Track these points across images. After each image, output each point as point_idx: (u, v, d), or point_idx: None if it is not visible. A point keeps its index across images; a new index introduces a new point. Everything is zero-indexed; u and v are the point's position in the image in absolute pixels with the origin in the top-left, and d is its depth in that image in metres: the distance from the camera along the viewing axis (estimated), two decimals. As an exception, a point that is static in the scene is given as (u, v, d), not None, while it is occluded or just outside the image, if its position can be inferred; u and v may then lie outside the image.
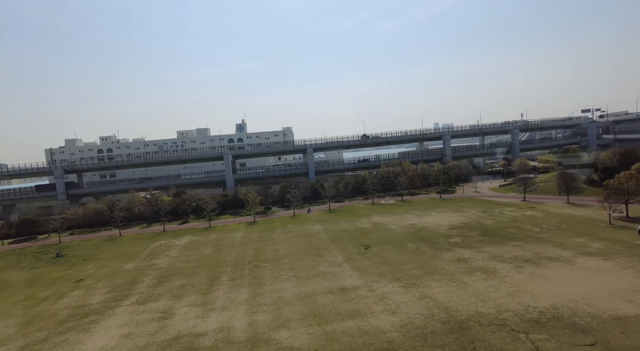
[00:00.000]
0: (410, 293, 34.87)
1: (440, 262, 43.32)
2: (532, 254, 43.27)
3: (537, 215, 63.48)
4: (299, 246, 55.55)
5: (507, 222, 60.00)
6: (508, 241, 49.44)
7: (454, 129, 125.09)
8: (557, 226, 55.39)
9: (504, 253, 44.36)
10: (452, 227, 59.52)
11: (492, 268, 39.84)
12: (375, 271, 41.58)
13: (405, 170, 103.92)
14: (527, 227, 55.86)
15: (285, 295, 37.04)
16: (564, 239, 48.31)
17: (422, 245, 51.01)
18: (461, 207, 75.34)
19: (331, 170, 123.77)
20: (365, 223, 67.56)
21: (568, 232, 51.52)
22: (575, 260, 40.14)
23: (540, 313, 29.09)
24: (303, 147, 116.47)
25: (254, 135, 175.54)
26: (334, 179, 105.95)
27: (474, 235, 53.78)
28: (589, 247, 44.40)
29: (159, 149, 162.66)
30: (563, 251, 43.60)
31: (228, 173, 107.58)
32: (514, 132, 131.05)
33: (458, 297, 33.17)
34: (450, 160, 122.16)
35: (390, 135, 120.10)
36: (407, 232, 58.99)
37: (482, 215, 66.47)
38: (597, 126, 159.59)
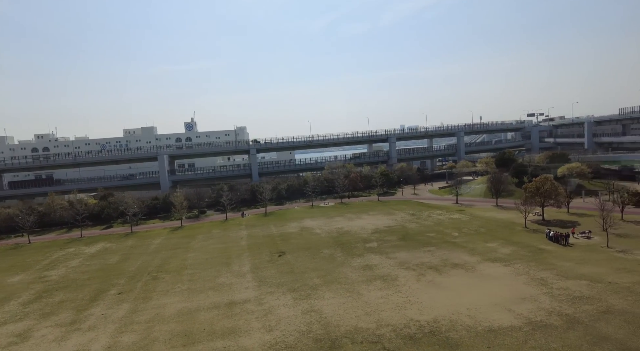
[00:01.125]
0: (299, 306, 32.61)
1: (346, 269, 41.50)
2: (440, 260, 42.36)
3: (462, 219, 63.54)
4: (212, 254, 52.24)
5: (430, 226, 59.50)
6: (423, 246, 48.54)
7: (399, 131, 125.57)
8: (476, 230, 55.33)
9: (413, 260, 43.22)
10: (375, 231, 58.26)
11: (394, 276, 38.42)
12: (276, 282, 39.10)
13: (348, 172, 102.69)
14: (447, 231, 55.44)
15: (166, 312, 33.76)
16: (477, 244, 47.98)
17: (337, 250, 49.16)
18: (394, 210, 74.65)
19: (280, 172, 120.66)
20: (293, 228, 65.15)
21: (484, 236, 51.39)
22: (478, 267, 39.47)
23: (420, 327, 27.59)
24: (246, 147, 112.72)
25: (203, 135, 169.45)
26: (277, 181, 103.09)
27: (392, 240, 52.64)
28: (497, 252, 44.11)
29: (102, 148, 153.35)
30: (471, 257, 43.01)
31: (163, 174, 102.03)
32: (460, 135, 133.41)
33: (345, 310, 31.24)
34: (395, 162, 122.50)
35: (337, 136, 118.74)
36: (330, 236, 57.09)
37: (410, 219, 65.85)
38: (540, 129, 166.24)
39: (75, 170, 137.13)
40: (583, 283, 33.20)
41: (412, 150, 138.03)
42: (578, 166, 79.48)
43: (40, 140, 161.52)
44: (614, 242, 44.42)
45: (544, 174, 62.50)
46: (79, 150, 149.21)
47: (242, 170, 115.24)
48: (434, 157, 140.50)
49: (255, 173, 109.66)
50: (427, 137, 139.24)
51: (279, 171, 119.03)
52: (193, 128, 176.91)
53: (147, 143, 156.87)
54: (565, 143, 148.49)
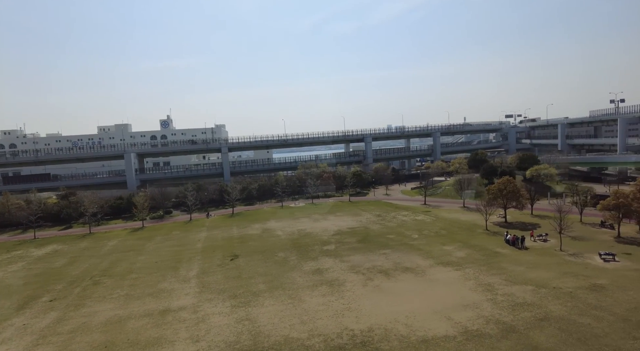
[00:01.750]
0: (234, 315, 31.00)
1: (295, 273, 40.04)
2: (392, 264, 41.27)
3: (425, 220, 62.80)
4: (164, 257, 50.15)
5: (392, 228, 58.52)
6: (380, 248, 47.44)
7: (375, 131, 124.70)
8: (437, 232, 54.54)
9: (366, 263, 42.05)
10: (337, 233, 56.99)
11: (342, 280, 37.14)
12: (219, 288, 37.39)
13: (322, 172, 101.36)
14: (407, 233, 54.52)
15: (94, 320, 31.74)
16: (434, 247, 47.11)
17: (293, 253, 47.67)
18: (361, 211, 73.58)
19: (254, 171, 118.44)
20: (255, 229, 63.41)
21: (443, 239, 50.59)
22: (429, 271, 38.49)
23: (352, 337, 26.32)
24: (217, 146, 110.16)
25: (179, 132, 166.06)
26: (248, 181, 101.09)
27: (351, 242, 51.43)
28: (452, 255, 43.26)
29: (73, 146, 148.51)
30: (424, 260, 42.05)
31: (129, 173, 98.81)
32: (436, 136, 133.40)
33: (281, 318, 29.78)
34: (371, 162, 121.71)
35: (312, 135, 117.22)
36: (290, 238, 55.57)
37: (375, 220, 64.81)
38: (518, 131, 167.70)
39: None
40: (528, 289, 32.46)
41: (389, 150, 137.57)
42: (546, 167, 79.90)
43: (7, 136, 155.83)
44: (568, 245, 44.09)
45: (505, 176, 62.03)
46: (49, 147, 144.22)
47: (214, 169, 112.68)
48: (410, 157, 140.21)
49: (227, 172, 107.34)
50: (404, 137, 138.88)
51: (252, 170, 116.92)
52: (169, 126, 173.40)
53: (120, 141, 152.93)
54: (541, 145, 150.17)
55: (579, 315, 27.31)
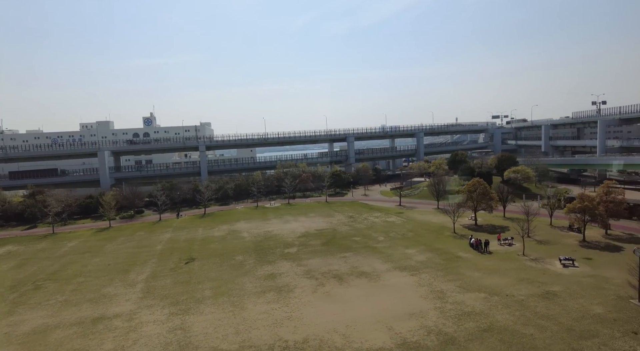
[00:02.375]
0: (169, 323, 29.30)
1: (247, 278, 38.40)
2: (349, 268, 39.81)
3: (396, 222, 61.48)
4: (119, 259, 48.22)
5: (360, 229, 57.12)
6: (342, 251, 45.98)
7: (357, 131, 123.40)
8: (404, 234, 53.22)
9: (323, 267, 40.53)
10: (303, 235, 55.44)
11: (293, 286, 35.59)
12: (163, 294, 35.63)
13: (301, 171, 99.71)
14: (374, 235, 53.13)
15: (18, 330, 29.83)
16: (397, 250, 45.73)
17: (251, 257, 46.01)
18: (334, 212, 72.14)
19: (233, 170, 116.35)
20: (222, 231, 61.62)
21: (408, 242, 49.25)
22: (384, 276, 37.07)
23: (284, 349, 24.79)
24: (195, 144, 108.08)
25: (162, 130, 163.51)
26: (224, 180, 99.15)
27: (315, 244, 49.91)
28: (412, 259, 41.90)
29: (53, 143, 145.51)
30: (383, 264, 40.65)
31: (102, 171, 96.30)
32: (419, 136, 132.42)
33: (216, 328, 28.14)
34: (354, 161, 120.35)
35: (293, 134, 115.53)
36: (253, 241, 53.89)
37: (345, 221, 63.37)
38: (504, 132, 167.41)
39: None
40: (480, 297, 31.15)
41: (372, 150, 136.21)
42: (523, 169, 79.04)
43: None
44: (532, 249, 42.97)
45: (476, 178, 60.92)
46: (27, 144, 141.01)
47: (192, 167, 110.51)
48: (394, 157, 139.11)
49: (204, 171, 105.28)
50: (387, 137, 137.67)
51: (233, 169, 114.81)
52: (152, 124, 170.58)
53: (102, 138, 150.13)
54: (526, 146, 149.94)
55: (523, 325, 26.02)
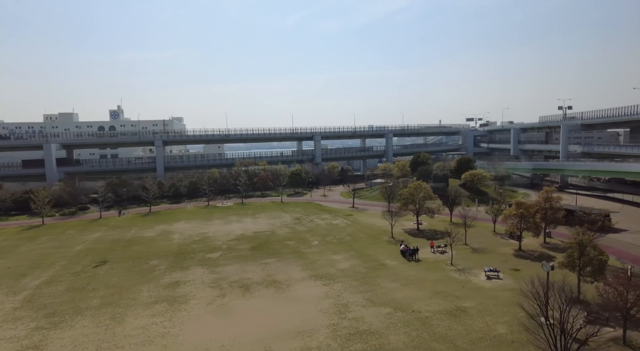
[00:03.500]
0: (27, 340, 25.79)
1: (147, 287, 35.05)
2: (263, 276, 36.82)
3: (340, 224, 58.81)
4: (25, 262, 44.17)
5: (300, 232, 54.22)
6: (266, 257, 42.97)
7: (325, 130, 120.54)
8: (340, 238, 50.52)
9: (236, 275, 37.45)
10: (238, 238, 52.25)
11: (191, 296, 32.41)
12: (44, 303, 32.02)
13: (262, 170, 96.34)
14: (310, 239, 50.30)
15: None
16: (324, 256, 42.95)
17: (167, 261, 42.61)
18: (284, 213, 69.16)
19: (195, 166, 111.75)
20: (154, 231, 57.93)
21: (341, 246, 46.53)
22: (295, 286, 34.18)
23: (137, 373, 21.62)
24: (151, 138, 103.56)
25: (129, 123, 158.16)
26: (179, 177, 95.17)
27: (243, 249, 46.79)
28: (334, 267, 39.13)
29: (10, 134, 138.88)
30: (302, 272, 37.78)
31: (49, 165, 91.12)
32: (388, 136, 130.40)
33: (74, 347, 24.80)
34: (320, 161, 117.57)
35: (256, 132, 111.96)
36: (181, 243, 50.48)
37: (290, 223, 60.40)
38: (477, 134, 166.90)
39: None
40: (384, 312, 28.49)
41: (340, 149, 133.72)
42: (479, 172, 77.37)
43: None
44: (463, 258, 40.71)
45: (417, 181, 58.60)
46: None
47: (148, 163, 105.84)
48: (363, 157, 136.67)
49: (160, 167, 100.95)
50: (356, 137, 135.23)
51: (193, 166, 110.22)
52: (119, 117, 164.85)
53: (65, 130, 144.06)
54: (497, 149, 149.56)
55: (414, 349, 23.41)
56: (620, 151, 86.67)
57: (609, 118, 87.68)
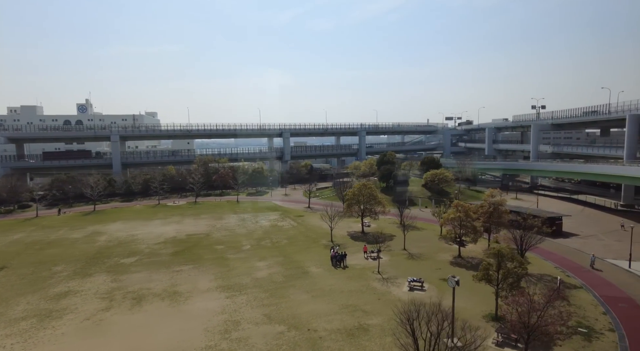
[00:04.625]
0: None
1: (29, 298, 31.08)
2: (167, 286, 33.15)
3: (285, 226, 55.34)
4: None
5: (237, 235, 50.56)
6: (185, 263, 39.26)
7: (294, 127, 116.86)
8: (277, 242, 47.03)
9: (139, 284, 33.70)
10: (167, 241, 48.40)
11: (71, 309, 28.58)
12: None
13: (220, 167, 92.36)
14: (244, 243, 46.72)
15: None
16: (248, 262, 39.40)
17: (74, 267, 38.58)
18: (233, 213, 65.48)
19: (156, 163, 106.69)
20: (84, 232, 53.69)
21: (272, 251, 43.01)
22: (196, 298, 30.58)
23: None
24: (107, 133, 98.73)
25: (97, 117, 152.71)
26: (135, 174, 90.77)
27: (164, 253, 42.99)
28: (251, 275, 35.63)
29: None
30: (213, 281, 34.19)
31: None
32: (361, 134, 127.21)
33: None
34: (289, 158, 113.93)
35: (221, 127, 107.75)
36: (103, 246, 46.48)
37: (232, 224, 56.71)
38: (454, 134, 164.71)
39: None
40: (275, 331, 25.04)
41: (310, 147, 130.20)
42: (442, 172, 74.49)
43: None
44: (394, 265, 37.54)
45: (363, 181, 55.41)
46: None
47: (104, 159, 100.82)
48: (338, 155, 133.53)
49: (117, 163, 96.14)
50: (327, 134, 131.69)
51: (153, 162, 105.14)
52: (87, 111, 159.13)
53: (27, 124, 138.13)
54: (474, 149, 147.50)
55: (285, 379, 20.03)
56: (588, 152, 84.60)
57: (577, 118, 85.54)
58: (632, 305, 28.14)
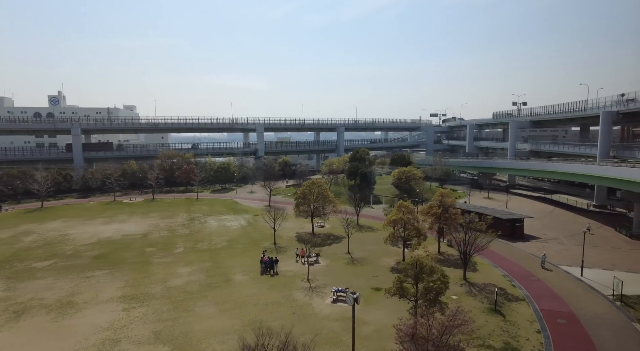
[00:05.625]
0: None
1: None
2: (63, 296, 29.43)
3: (233, 226, 51.73)
4: None
5: (175, 236, 46.85)
6: (101, 268, 35.57)
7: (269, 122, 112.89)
8: (215, 244, 43.40)
9: (35, 292, 29.95)
10: (99, 241, 44.63)
11: None
12: None
13: (183, 162, 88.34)
14: (179, 245, 43.05)
15: None
16: (171, 268, 35.80)
17: (-24, 272, 34.83)
18: (186, 211, 61.74)
19: (125, 157, 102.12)
20: (14, 231, 49.66)
21: (203, 255, 39.46)
22: (88, 311, 26.92)
23: None
24: (67, 126, 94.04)
25: (69, 110, 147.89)
26: (96, 169, 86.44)
27: (87, 256, 39.22)
28: (165, 283, 31.99)
29: None
30: (117, 290, 30.52)
31: None
32: (340, 130, 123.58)
33: None
34: (262, 154, 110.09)
35: (189, 121, 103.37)
36: (27, 247, 42.58)
37: (177, 224, 53.01)
38: (438, 131, 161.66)
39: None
40: (156, 352, 21.56)
41: (286, 143, 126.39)
42: (410, 170, 71.17)
43: None
44: (330, 271, 34.16)
45: (313, 178, 51.84)
46: None
47: (64, 153, 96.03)
48: (317, 151, 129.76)
49: (78, 157, 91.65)
50: (304, 130, 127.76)
51: (117, 157, 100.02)
52: (59, 103, 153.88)
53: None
54: (458, 146, 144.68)
55: None
56: (564, 150, 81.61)
57: (553, 114, 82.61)
58: (572, 321, 24.95)
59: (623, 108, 61.56)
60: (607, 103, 65.41)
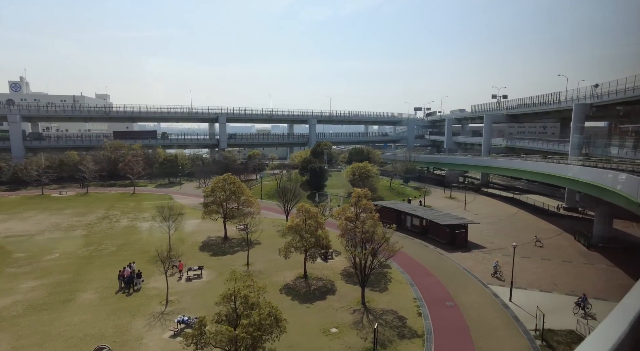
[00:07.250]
0: None
1: None
2: None
3: (141, 228, 45.11)
4: None
5: (67, 238, 40.28)
6: None
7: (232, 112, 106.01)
8: (102, 250, 36.86)
9: None
10: (-35, 245, 38.09)
11: None
12: None
13: (129, 153, 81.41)
14: (59, 250, 36.48)
15: None
16: (21, 282, 29.27)
17: None
18: (106, 209, 55.16)
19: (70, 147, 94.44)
20: None
21: (72, 266, 32.84)
22: None
23: None
24: (3, 112, 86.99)
25: (31, 97, 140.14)
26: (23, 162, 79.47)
27: None
28: (80, 294, 25.56)
29: None
30: None
31: None
32: (312, 122, 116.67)
33: None
34: (225, 146, 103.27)
35: (146, 110, 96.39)
36: None
37: (83, 223, 46.37)
38: (419, 125, 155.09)
39: None
40: None
41: (252, 135, 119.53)
42: (365, 166, 64.51)
43: None
44: (202, 290, 27.72)
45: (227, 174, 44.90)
46: None
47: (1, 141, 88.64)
48: (287, 144, 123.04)
49: (17, 147, 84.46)
50: (272, 121, 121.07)
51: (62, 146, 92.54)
52: (21, 89, 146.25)
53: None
54: (437, 141, 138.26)
55: None
56: (541, 147, 74.98)
57: (528, 107, 76.08)
58: (470, 374, 18.63)
59: (597, 100, 55.06)
60: (581, 95, 58.91)
